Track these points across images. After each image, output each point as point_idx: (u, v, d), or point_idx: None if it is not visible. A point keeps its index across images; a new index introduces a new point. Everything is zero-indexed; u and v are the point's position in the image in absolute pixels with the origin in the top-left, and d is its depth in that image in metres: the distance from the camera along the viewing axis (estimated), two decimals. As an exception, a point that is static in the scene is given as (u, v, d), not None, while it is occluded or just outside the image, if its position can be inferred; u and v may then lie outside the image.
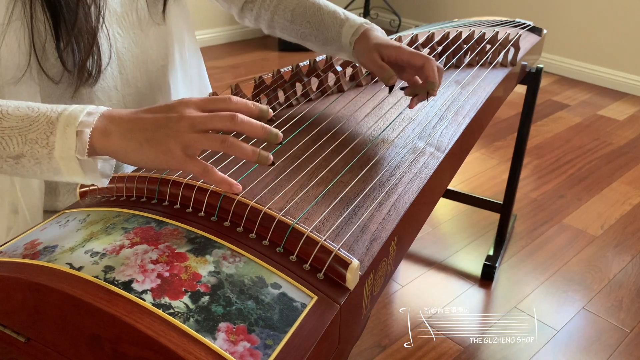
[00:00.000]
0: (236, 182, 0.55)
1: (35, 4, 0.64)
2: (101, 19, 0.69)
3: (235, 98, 0.54)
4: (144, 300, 0.43)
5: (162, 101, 0.83)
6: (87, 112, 0.52)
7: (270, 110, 0.56)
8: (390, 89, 0.79)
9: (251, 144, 0.54)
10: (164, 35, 0.80)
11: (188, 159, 0.52)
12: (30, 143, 0.51)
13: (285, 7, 0.88)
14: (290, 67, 0.88)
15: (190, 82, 0.89)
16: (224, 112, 0.53)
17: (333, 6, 0.88)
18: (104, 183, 0.56)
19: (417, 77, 0.79)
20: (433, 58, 0.78)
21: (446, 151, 0.75)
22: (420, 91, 0.77)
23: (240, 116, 0.52)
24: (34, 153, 0.52)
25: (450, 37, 1.07)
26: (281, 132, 0.71)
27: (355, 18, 0.85)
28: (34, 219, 0.74)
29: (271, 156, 0.54)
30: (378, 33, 0.84)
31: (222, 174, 0.54)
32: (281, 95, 0.83)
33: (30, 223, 0.73)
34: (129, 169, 0.80)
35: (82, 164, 0.53)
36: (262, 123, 0.54)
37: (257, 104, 0.55)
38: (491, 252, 1.60)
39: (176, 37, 0.82)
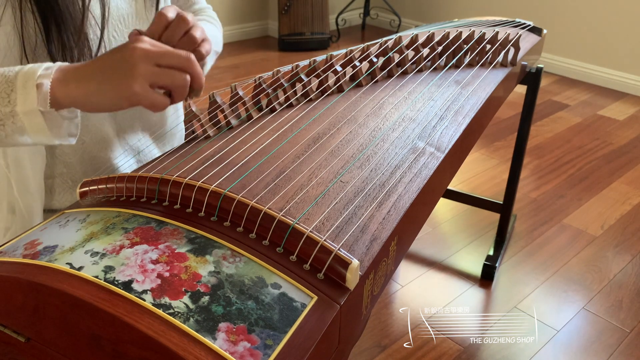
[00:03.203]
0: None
1: (25, 9, 0.64)
2: (89, 24, 0.69)
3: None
4: (144, 300, 0.43)
5: None
6: (45, 67, 0.54)
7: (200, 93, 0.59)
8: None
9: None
10: None
11: (150, 94, 0.53)
12: None
13: None
14: (290, 67, 0.88)
15: None
16: (181, 51, 0.55)
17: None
18: (70, 141, 0.58)
19: None
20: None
21: (446, 151, 0.75)
22: None
23: (194, 57, 0.55)
24: None
25: (450, 37, 1.07)
26: (282, 131, 0.71)
27: None
28: (32, 220, 0.74)
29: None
30: None
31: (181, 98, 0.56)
32: (281, 95, 0.83)
33: (28, 224, 0.74)
34: (128, 169, 0.80)
35: (46, 118, 0.54)
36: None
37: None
38: (491, 252, 1.60)
39: None
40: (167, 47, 0.55)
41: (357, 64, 0.91)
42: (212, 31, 0.87)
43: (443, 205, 1.86)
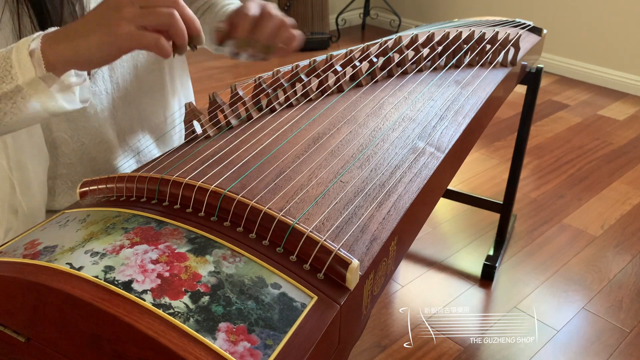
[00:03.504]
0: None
1: (22, 12, 0.64)
2: None
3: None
4: (144, 300, 0.43)
5: (151, 104, 0.83)
6: (36, 35, 0.54)
7: (203, 39, 0.57)
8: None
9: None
10: None
11: (137, 33, 0.51)
12: None
13: (211, 15, 0.87)
14: (290, 67, 0.88)
15: (178, 86, 0.88)
16: None
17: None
18: (85, 104, 0.58)
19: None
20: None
21: (446, 151, 0.75)
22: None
23: (181, 1, 0.53)
24: (5, 93, 0.54)
25: (450, 37, 1.07)
26: (282, 131, 0.71)
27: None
28: (35, 221, 0.74)
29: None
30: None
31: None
32: (281, 95, 0.83)
33: (30, 225, 0.74)
34: (128, 169, 0.80)
35: (48, 83, 0.54)
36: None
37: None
38: (491, 252, 1.60)
39: None
40: None
41: (357, 64, 0.91)
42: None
43: (443, 205, 1.86)
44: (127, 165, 0.81)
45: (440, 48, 1.03)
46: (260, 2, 0.67)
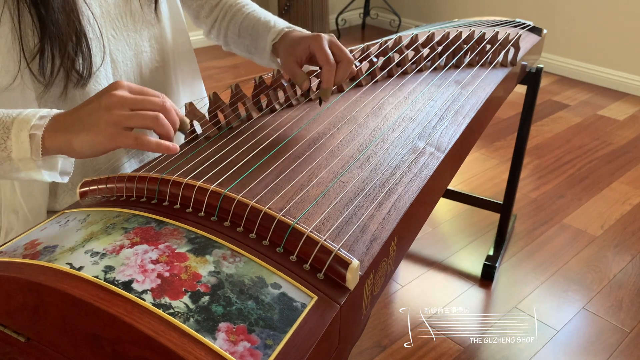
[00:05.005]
0: (172, 144, 0.57)
1: (23, 10, 0.64)
2: (87, 22, 0.69)
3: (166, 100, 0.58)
4: (144, 300, 0.43)
5: None
6: (40, 116, 0.56)
7: (188, 124, 0.61)
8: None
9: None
10: (158, 37, 0.80)
11: (119, 134, 0.54)
12: None
13: (235, 22, 0.89)
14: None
15: (184, 84, 0.89)
16: (155, 98, 0.56)
17: (270, 17, 0.87)
18: (64, 180, 0.61)
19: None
20: (337, 62, 0.73)
21: (446, 151, 0.75)
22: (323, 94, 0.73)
23: (169, 102, 0.56)
24: None
25: (450, 37, 1.07)
26: (282, 131, 0.71)
27: (282, 23, 0.83)
28: (35, 222, 0.74)
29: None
30: (297, 33, 0.81)
31: (156, 139, 0.56)
32: (281, 95, 0.83)
33: (31, 226, 0.74)
34: (129, 169, 0.80)
35: (38, 164, 0.57)
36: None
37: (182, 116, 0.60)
38: (491, 252, 1.60)
39: (169, 39, 0.83)
40: (142, 95, 0.57)
41: (357, 63, 0.91)
42: (262, 12, 0.89)
43: (443, 205, 1.86)
44: (127, 165, 0.81)
45: (440, 48, 1.03)
46: (330, 41, 0.74)
